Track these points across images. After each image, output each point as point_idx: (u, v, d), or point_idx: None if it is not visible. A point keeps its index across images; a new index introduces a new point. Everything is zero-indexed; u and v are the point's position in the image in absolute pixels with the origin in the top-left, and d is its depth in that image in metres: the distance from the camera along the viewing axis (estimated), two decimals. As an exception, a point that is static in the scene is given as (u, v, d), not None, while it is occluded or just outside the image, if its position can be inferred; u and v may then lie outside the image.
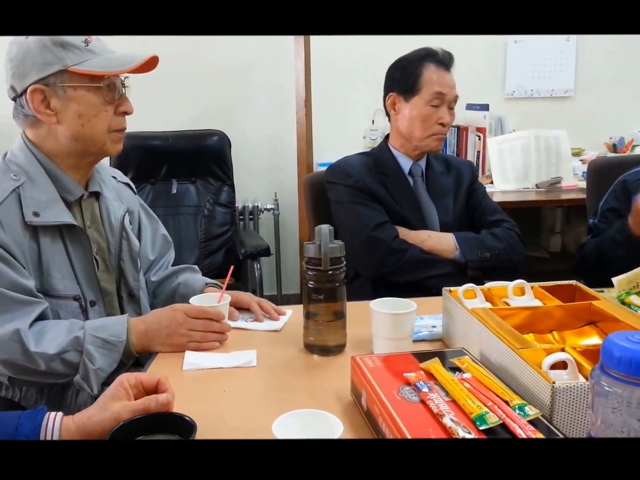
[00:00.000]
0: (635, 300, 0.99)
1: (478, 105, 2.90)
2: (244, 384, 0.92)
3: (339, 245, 1.00)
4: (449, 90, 1.51)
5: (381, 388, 0.74)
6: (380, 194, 1.54)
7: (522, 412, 0.66)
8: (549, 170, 2.71)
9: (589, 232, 1.69)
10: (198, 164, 2.51)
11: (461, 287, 1.04)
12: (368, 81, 2.68)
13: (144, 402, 0.73)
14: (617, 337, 0.56)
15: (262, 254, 2.30)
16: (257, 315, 1.17)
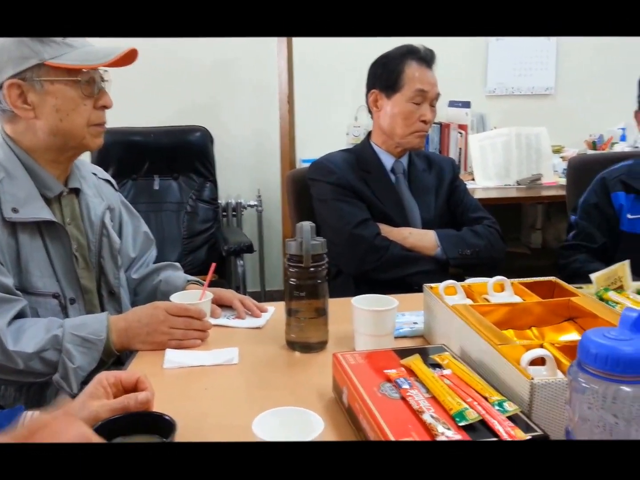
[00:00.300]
0: (613, 296, 1.00)
1: (460, 103, 2.92)
2: (225, 381, 0.92)
3: (321, 242, 1.00)
4: (431, 88, 1.52)
5: (362, 385, 0.75)
6: (363, 191, 1.54)
7: (501, 408, 0.67)
8: (529, 167, 2.74)
9: (570, 229, 1.71)
10: (180, 160, 2.49)
11: (442, 283, 1.05)
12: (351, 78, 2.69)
13: (123, 401, 0.72)
14: (594, 334, 0.57)
15: (245, 251, 2.29)
16: (239, 313, 1.17)
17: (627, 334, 0.56)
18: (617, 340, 0.55)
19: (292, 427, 0.64)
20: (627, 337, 0.55)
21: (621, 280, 1.05)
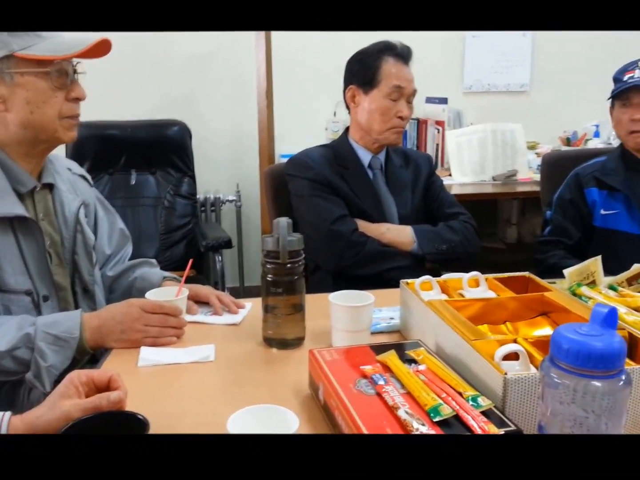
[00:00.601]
0: (585, 291, 1.02)
1: (437, 99, 2.94)
2: (201, 379, 0.91)
3: (298, 238, 1.00)
4: (408, 84, 1.52)
5: (338, 381, 0.75)
6: (340, 187, 1.54)
7: (475, 403, 0.68)
8: (505, 163, 2.77)
9: (545, 225, 1.74)
10: (158, 155, 2.46)
11: (418, 279, 1.05)
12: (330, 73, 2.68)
13: (95, 400, 0.71)
14: (566, 330, 0.58)
15: (224, 246, 2.28)
16: (216, 309, 1.16)
17: (598, 330, 0.57)
18: (588, 335, 0.56)
19: (268, 425, 0.64)
20: (598, 333, 0.56)
21: (593, 275, 1.07)
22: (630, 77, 1.58)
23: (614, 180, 1.63)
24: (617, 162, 1.66)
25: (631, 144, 1.63)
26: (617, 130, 1.67)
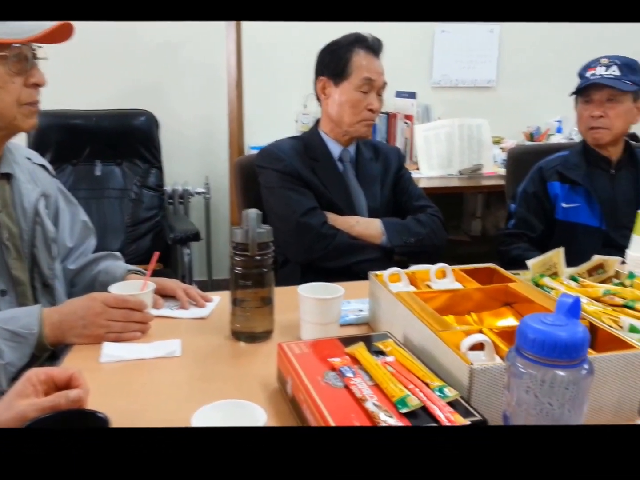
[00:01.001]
0: (548, 282, 1.04)
1: (406, 93, 2.96)
2: (166, 375, 0.89)
3: (267, 230, 0.99)
4: (378, 77, 1.52)
5: (306, 374, 0.74)
6: (310, 179, 1.54)
7: (441, 393, 0.68)
8: (471, 157, 2.82)
9: (509, 217, 1.77)
10: (124, 145, 2.41)
11: (386, 271, 1.06)
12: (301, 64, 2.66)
13: (53, 399, 0.68)
14: (532, 320, 0.58)
15: (192, 239, 2.25)
16: (182, 303, 1.14)
17: (563, 320, 0.58)
18: (553, 325, 0.57)
19: (234, 421, 0.63)
20: (562, 323, 0.57)
21: (556, 266, 1.09)
22: (592, 74, 1.62)
23: (575, 175, 1.67)
24: (579, 157, 1.70)
25: (590, 139, 1.67)
26: (578, 125, 1.71)
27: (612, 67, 1.60)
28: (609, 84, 1.58)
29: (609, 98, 1.61)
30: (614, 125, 1.62)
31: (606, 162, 1.69)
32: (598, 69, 1.61)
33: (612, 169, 1.68)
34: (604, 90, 1.60)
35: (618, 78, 1.58)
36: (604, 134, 1.63)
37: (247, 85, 2.73)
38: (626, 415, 0.77)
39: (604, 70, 1.60)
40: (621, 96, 1.60)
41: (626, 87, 1.58)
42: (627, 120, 1.63)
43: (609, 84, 1.58)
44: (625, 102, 1.61)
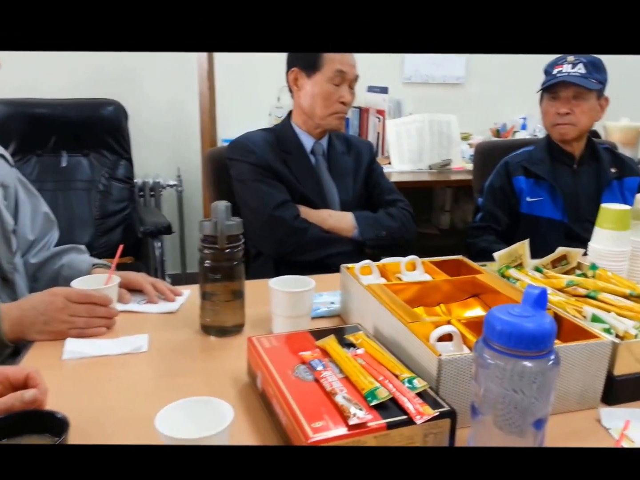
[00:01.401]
0: (513, 273, 1.06)
1: (378, 88, 2.97)
2: (132, 372, 0.87)
3: (237, 222, 0.98)
4: (350, 69, 1.52)
5: (276, 368, 0.74)
6: (282, 172, 1.52)
7: (411, 385, 0.69)
8: (440, 152, 2.86)
9: (477, 211, 1.80)
10: (91, 136, 2.34)
11: (358, 264, 1.06)
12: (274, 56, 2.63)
13: (7, 401, 0.65)
14: (499, 311, 0.59)
15: (163, 232, 2.21)
16: (150, 297, 1.11)
17: (530, 311, 0.58)
18: (520, 317, 0.57)
19: (200, 419, 0.61)
20: (529, 314, 0.58)
21: (521, 258, 1.11)
22: (559, 72, 1.65)
23: (539, 169, 1.71)
24: (543, 152, 1.74)
25: (556, 135, 1.71)
26: (544, 121, 1.74)
27: (578, 64, 1.63)
28: (576, 82, 1.61)
29: (575, 95, 1.64)
30: (579, 121, 1.65)
31: (569, 157, 1.73)
32: (565, 67, 1.64)
33: (575, 164, 1.73)
34: (570, 87, 1.63)
35: (584, 76, 1.62)
36: (569, 130, 1.67)
37: (219, 77, 2.69)
38: (589, 403, 0.79)
39: (571, 68, 1.63)
40: (587, 94, 1.64)
41: (592, 86, 1.62)
42: (591, 117, 1.67)
43: (576, 82, 1.61)
44: (590, 100, 1.65)
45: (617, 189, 1.72)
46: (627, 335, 0.83)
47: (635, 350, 0.79)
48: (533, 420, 0.59)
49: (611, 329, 0.85)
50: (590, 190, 1.71)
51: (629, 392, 0.80)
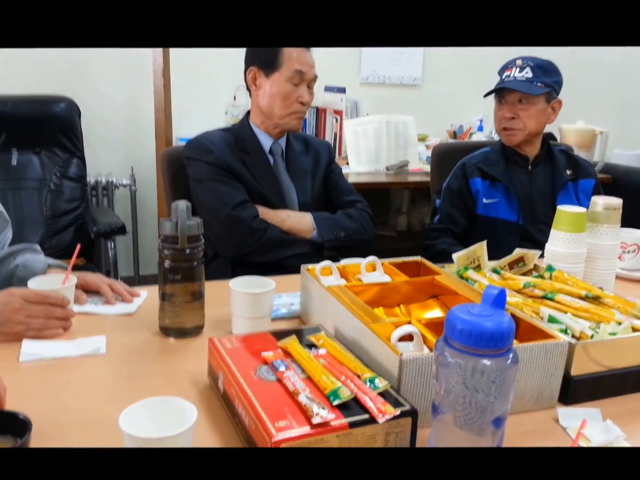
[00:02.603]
0: (472, 274, 1.08)
1: (336, 88, 2.98)
2: (90, 374, 0.85)
3: (197, 222, 0.97)
4: (309, 69, 1.52)
5: (238, 369, 0.73)
6: (241, 172, 1.51)
7: (372, 384, 0.70)
8: (397, 153, 2.88)
9: (434, 213, 1.82)
10: (42, 133, 2.26)
11: (318, 264, 1.06)
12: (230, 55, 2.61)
13: None
14: (459, 311, 0.60)
15: (117, 232, 2.15)
16: (107, 298, 1.09)
17: (489, 310, 0.60)
18: (479, 316, 0.59)
19: (164, 419, 0.61)
20: (488, 313, 0.59)
21: (479, 259, 1.13)
22: (507, 76, 1.68)
23: (495, 171, 1.74)
24: (498, 154, 1.77)
25: (504, 139, 1.74)
26: (495, 125, 1.77)
27: (525, 68, 1.65)
28: (518, 87, 1.63)
29: (520, 100, 1.66)
30: (526, 126, 1.68)
31: (524, 159, 1.75)
32: (513, 71, 1.67)
33: (530, 165, 1.75)
34: (515, 92, 1.66)
35: (530, 80, 1.64)
36: (516, 134, 1.70)
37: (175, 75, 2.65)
38: (547, 403, 0.81)
39: (518, 72, 1.66)
40: (532, 98, 1.66)
41: (534, 91, 1.63)
42: (540, 120, 1.69)
43: (517, 87, 1.63)
44: (537, 104, 1.67)
45: (572, 190, 1.76)
46: (583, 335, 0.85)
47: (591, 351, 0.82)
48: (492, 419, 0.60)
49: (567, 330, 0.87)
50: (545, 191, 1.74)
51: (586, 392, 0.83)
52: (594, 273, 1.20)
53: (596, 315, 0.92)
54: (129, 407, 0.61)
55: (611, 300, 0.98)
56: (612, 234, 1.20)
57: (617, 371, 0.84)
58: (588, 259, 1.19)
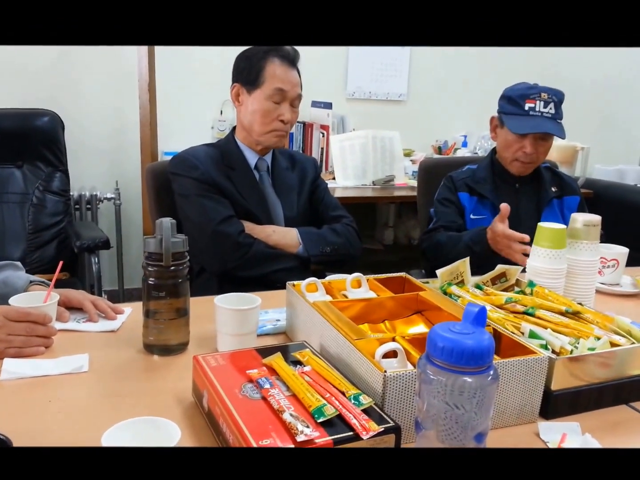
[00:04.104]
0: (455, 290, 1.09)
1: (322, 103, 3.01)
2: (73, 392, 0.84)
3: (182, 239, 0.97)
4: (291, 88, 1.52)
5: (222, 387, 0.73)
6: (226, 188, 1.52)
7: (356, 401, 0.70)
8: (383, 168, 2.92)
9: (430, 220, 1.82)
10: (25, 147, 2.24)
11: (304, 281, 1.07)
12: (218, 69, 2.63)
13: None
14: (441, 328, 0.61)
15: (101, 247, 2.13)
16: (90, 315, 1.08)
17: (470, 328, 0.61)
18: (460, 334, 0.60)
19: (147, 439, 0.61)
20: (469, 331, 0.60)
21: (462, 275, 1.15)
22: (531, 108, 1.63)
23: (482, 189, 1.75)
24: (487, 172, 1.79)
25: (514, 169, 1.73)
26: (503, 150, 1.73)
27: (550, 103, 1.63)
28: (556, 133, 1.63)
29: (542, 137, 1.67)
30: (539, 160, 1.71)
31: (511, 177, 1.77)
32: (537, 103, 1.63)
33: (517, 183, 1.77)
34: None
35: (554, 117, 1.64)
36: (529, 168, 1.73)
37: (161, 89, 2.66)
38: (528, 418, 0.82)
39: (543, 106, 1.63)
40: (551, 136, 1.68)
41: (564, 134, 1.63)
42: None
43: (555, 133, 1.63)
44: (552, 139, 1.71)
45: (557, 207, 1.78)
46: (562, 350, 0.87)
47: (570, 366, 0.83)
48: (474, 434, 0.61)
49: (548, 345, 0.89)
50: (531, 208, 1.75)
51: (566, 406, 0.84)
52: (574, 288, 1.21)
53: (576, 331, 0.93)
54: (111, 427, 0.61)
55: (590, 315, 1.00)
56: (591, 250, 1.22)
57: (595, 385, 0.85)
58: (568, 275, 1.20)
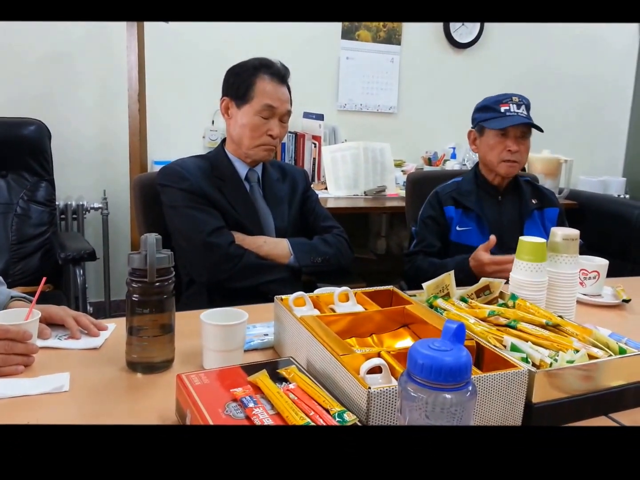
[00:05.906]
0: (441, 303, 1.09)
1: (314, 115, 3.03)
2: (53, 412, 0.83)
3: (167, 255, 0.96)
4: (280, 104, 1.52)
5: (206, 407, 0.73)
6: (217, 199, 1.52)
7: (341, 419, 0.70)
8: (375, 179, 2.94)
9: (411, 239, 1.86)
10: (10, 156, 2.22)
11: (292, 295, 1.06)
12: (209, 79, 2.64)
13: None
14: (421, 346, 0.61)
15: (86, 259, 2.10)
16: (72, 332, 1.06)
17: (448, 345, 0.61)
18: (439, 351, 0.60)
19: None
20: (448, 348, 0.61)
21: (448, 288, 1.15)
22: (507, 110, 1.71)
23: (467, 201, 1.79)
24: (471, 184, 1.83)
25: (503, 170, 1.77)
26: (490, 155, 1.78)
27: (522, 105, 1.72)
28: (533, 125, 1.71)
29: (521, 135, 1.74)
30: (523, 159, 1.77)
31: (494, 189, 1.83)
32: (511, 106, 1.72)
33: (500, 195, 1.83)
34: (518, 127, 1.72)
35: (527, 117, 1.72)
36: (516, 167, 1.77)
37: (152, 99, 2.66)
38: (510, 430, 0.83)
39: (516, 108, 1.72)
40: (529, 134, 1.76)
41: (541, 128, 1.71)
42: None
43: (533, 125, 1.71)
44: (529, 139, 1.77)
45: (538, 218, 1.83)
46: (542, 363, 0.87)
47: (550, 378, 0.84)
48: (455, 451, 0.61)
49: (528, 358, 0.89)
50: (514, 220, 1.80)
51: (547, 418, 0.84)
52: (556, 300, 1.23)
53: (555, 344, 0.94)
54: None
55: (570, 328, 1.00)
56: (571, 262, 1.23)
57: (575, 397, 0.86)
58: (550, 287, 1.22)
